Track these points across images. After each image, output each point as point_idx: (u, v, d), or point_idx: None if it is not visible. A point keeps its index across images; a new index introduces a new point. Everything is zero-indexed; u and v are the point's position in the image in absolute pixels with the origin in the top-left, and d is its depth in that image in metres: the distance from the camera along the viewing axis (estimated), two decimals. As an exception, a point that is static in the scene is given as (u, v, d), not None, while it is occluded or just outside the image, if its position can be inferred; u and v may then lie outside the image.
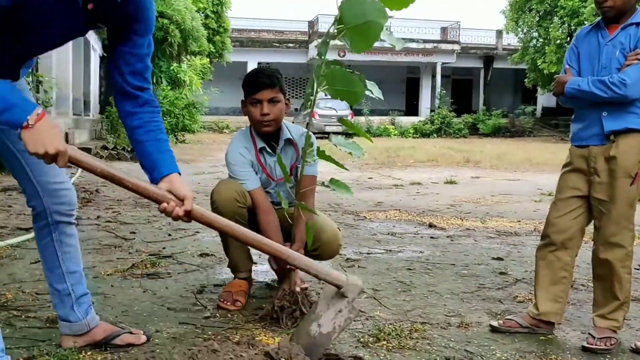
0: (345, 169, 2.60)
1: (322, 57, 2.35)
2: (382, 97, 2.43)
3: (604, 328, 2.50)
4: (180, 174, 2.04)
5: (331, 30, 2.28)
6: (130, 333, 2.32)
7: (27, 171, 2.10)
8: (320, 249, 2.92)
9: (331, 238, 2.94)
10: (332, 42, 2.33)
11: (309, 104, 2.44)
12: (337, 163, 2.47)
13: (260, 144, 2.93)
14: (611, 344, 2.45)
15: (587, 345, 2.45)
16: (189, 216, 1.97)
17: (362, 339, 2.44)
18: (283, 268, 2.77)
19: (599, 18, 2.58)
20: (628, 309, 2.58)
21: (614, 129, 2.45)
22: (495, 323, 2.65)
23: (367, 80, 2.38)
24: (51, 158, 1.74)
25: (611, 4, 2.45)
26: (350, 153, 2.48)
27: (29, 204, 2.17)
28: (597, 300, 2.58)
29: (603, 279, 2.54)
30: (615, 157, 2.44)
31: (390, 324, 2.62)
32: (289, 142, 2.96)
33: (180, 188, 1.97)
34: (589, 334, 2.51)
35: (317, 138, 3.00)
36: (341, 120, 2.57)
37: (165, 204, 1.93)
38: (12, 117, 1.70)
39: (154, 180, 2.00)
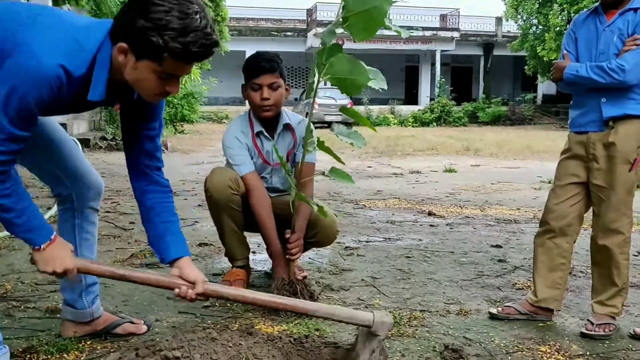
0: (342, 162, 2.56)
1: (326, 46, 2.32)
2: (385, 87, 2.40)
3: (602, 314, 2.51)
4: (190, 256, 2.08)
5: (338, 19, 2.25)
6: (131, 322, 2.33)
7: (52, 158, 2.11)
8: (318, 236, 2.92)
9: (329, 224, 2.94)
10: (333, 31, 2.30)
11: (311, 93, 2.42)
12: (335, 156, 2.44)
13: (258, 127, 2.92)
14: (610, 330, 2.45)
15: (586, 332, 2.45)
16: (203, 296, 2.04)
17: (361, 327, 2.43)
18: (282, 259, 2.76)
19: (596, 3, 2.56)
20: (626, 295, 2.58)
21: (612, 115, 2.44)
22: (494, 310, 2.66)
23: (370, 67, 2.34)
24: (59, 275, 1.88)
25: (610, -11, 2.44)
26: (351, 144, 2.45)
27: (53, 193, 2.19)
28: (596, 287, 2.58)
29: (601, 266, 2.55)
30: (614, 143, 2.44)
31: (390, 311, 2.62)
32: (287, 127, 2.95)
33: (190, 273, 2.01)
34: (588, 320, 2.52)
35: (316, 127, 2.98)
36: (343, 109, 2.55)
37: (177, 290, 1.99)
38: (30, 239, 1.83)
39: (163, 261, 2.07)
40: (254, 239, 3.29)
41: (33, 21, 1.73)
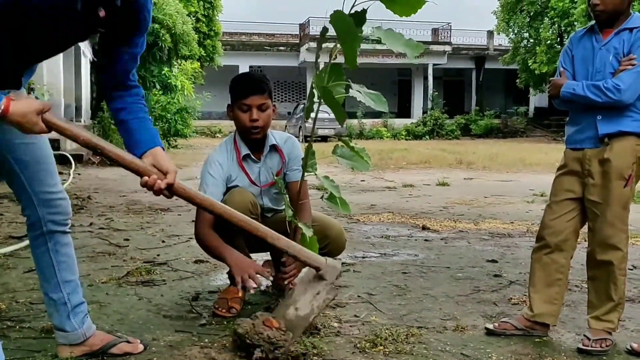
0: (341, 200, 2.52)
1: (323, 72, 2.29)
2: (386, 110, 2.39)
3: (599, 330, 2.51)
4: (163, 148, 2.05)
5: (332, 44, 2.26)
6: (128, 342, 2.31)
7: (23, 180, 2.09)
8: (329, 246, 2.91)
9: (338, 233, 2.96)
10: (324, 45, 2.30)
11: (310, 114, 2.41)
12: (330, 183, 2.44)
13: (245, 150, 2.89)
14: (607, 346, 2.45)
15: (583, 347, 2.45)
16: (170, 190, 1.95)
17: (358, 345, 2.43)
18: (280, 282, 2.72)
19: (592, 22, 2.59)
20: (622, 310, 2.58)
21: (608, 131, 2.46)
22: (490, 326, 2.66)
23: (372, 91, 2.32)
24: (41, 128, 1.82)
25: (602, 9, 2.47)
26: (352, 168, 2.41)
27: (23, 213, 2.15)
28: (592, 302, 2.59)
29: (598, 281, 2.55)
30: (609, 160, 2.46)
31: (387, 328, 2.62)
32: (274, 148, 2.94)
33: (164, 161, 1.97)
34: (584, 335, 2.52)
35: (308, 141, 2.98)
36: (341, 140, 2.54)
37: (146, 177, 1.92)
38: None
39: (137, 156, 2.00)
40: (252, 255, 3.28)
41: None
